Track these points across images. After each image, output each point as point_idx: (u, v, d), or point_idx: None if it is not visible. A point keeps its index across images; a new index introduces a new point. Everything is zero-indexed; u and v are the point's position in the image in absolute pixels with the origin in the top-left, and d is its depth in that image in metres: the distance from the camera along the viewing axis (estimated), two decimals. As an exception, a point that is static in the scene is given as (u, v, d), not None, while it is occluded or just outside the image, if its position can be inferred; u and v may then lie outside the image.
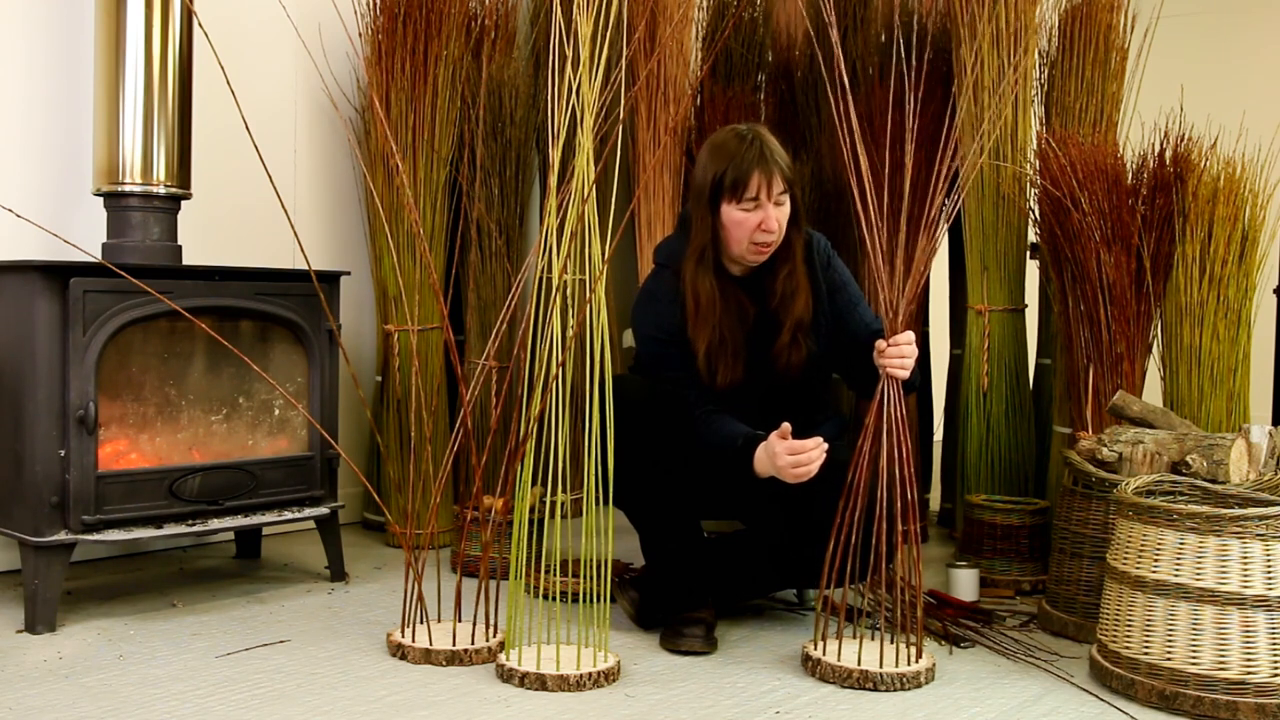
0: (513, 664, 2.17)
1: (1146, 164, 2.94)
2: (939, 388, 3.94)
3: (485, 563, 2.37)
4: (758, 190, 2.36)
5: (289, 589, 2.81)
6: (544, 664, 2.17)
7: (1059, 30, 3.33)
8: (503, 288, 3.56)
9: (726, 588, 2.54)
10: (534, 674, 2.14)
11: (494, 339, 2.63)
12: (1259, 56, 5.44)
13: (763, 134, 2.41)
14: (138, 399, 2.63)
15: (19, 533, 2.45)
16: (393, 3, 3.27)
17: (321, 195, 3.50)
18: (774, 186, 2.37)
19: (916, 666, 2.21)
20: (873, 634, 2.39)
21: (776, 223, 2.39)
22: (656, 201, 3.80)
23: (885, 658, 2.22)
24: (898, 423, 2.24)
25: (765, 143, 2.39)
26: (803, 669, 2.27)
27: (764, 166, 2.36)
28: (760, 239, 2.40)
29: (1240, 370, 2.87)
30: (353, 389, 3.31)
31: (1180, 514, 2.10)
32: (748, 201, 2.37)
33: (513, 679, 2.15)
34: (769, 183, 2.36)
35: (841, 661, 2.21)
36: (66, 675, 2.16)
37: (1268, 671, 2.03)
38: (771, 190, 2.37)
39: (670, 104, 3.78)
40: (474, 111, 3.42)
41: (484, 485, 2.59)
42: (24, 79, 2.88)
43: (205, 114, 2.90)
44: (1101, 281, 2.89)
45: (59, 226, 2.80)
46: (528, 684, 2.14)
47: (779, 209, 2.40)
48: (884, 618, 2.48)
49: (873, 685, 2.17)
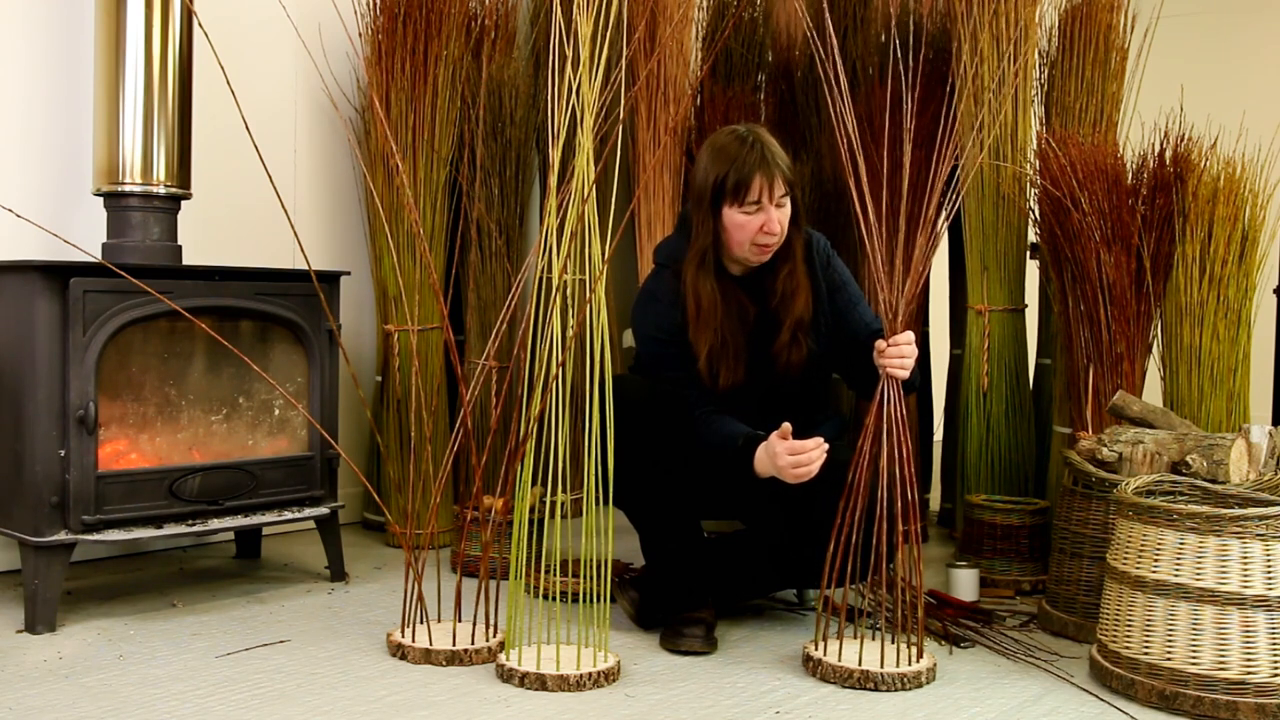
0: (513, 664, 2.17)
1: (1146, 164, 2.94)
2: (939, 388, 3.94)
3: (485, 563, 2.37)
4: (760, 194, 2.36)
5: (289, 589, 2.81)
6: (544, 664, 2.17)
7: (1059, 30, 3.33)
8: (503, 288, 3.57)
9: (726, 588, 2.54)
10: (534, 674, 2.14)
11: (494, 339, 2.63)
12: (1259, 56, 5.44)
13: (763, 135, 2.41)
14: (138, 399, 2.63)
15: (19, 533, 2.45)
16: (393, 3, 3.27)
17: (321, 195, 3.50)
18: (775, 189, 2.38)
19: (917, 666, 2.21)
20: (873, 634, 2.39)
21: (779, 225, 2.40)
22: (656, 201, 3.80)
23: (885, 658, 2.22)
24: (898, 423, 2.24)
25: (766, 145, 2.39)
26: (803, 669, 2.27)
27: (765, 169, 2.36)
28: (762, 240, 2.40)
29: (1240, 370, 2.87)
30: (353, 389, 3.31)
31: (1180, 514, 2.10)
32: (750, 205, 2.37)
33: (513, 679, 2.15)
34: (771, 185, 2.37)
35: (842, 661, 2.21)
36: (66, 675, 2.16)
37: (1268, 671, 2.03)
38: (773, 193, 2.38)
39: (670, 104, 3.78)
40: (474, 111, 3.42)
41: (484, 485, 2.59)
42: (24, 79, 2.88)
43: (205, 114, 2.90)
44: (1101, 281, 2.89)
45: (59, 226, 2.80)
46: (528, 684, 2.14)
47: (780, 211, 2.40)
48: (884, 618, 2.47)
49: (873, 685, 2.17)
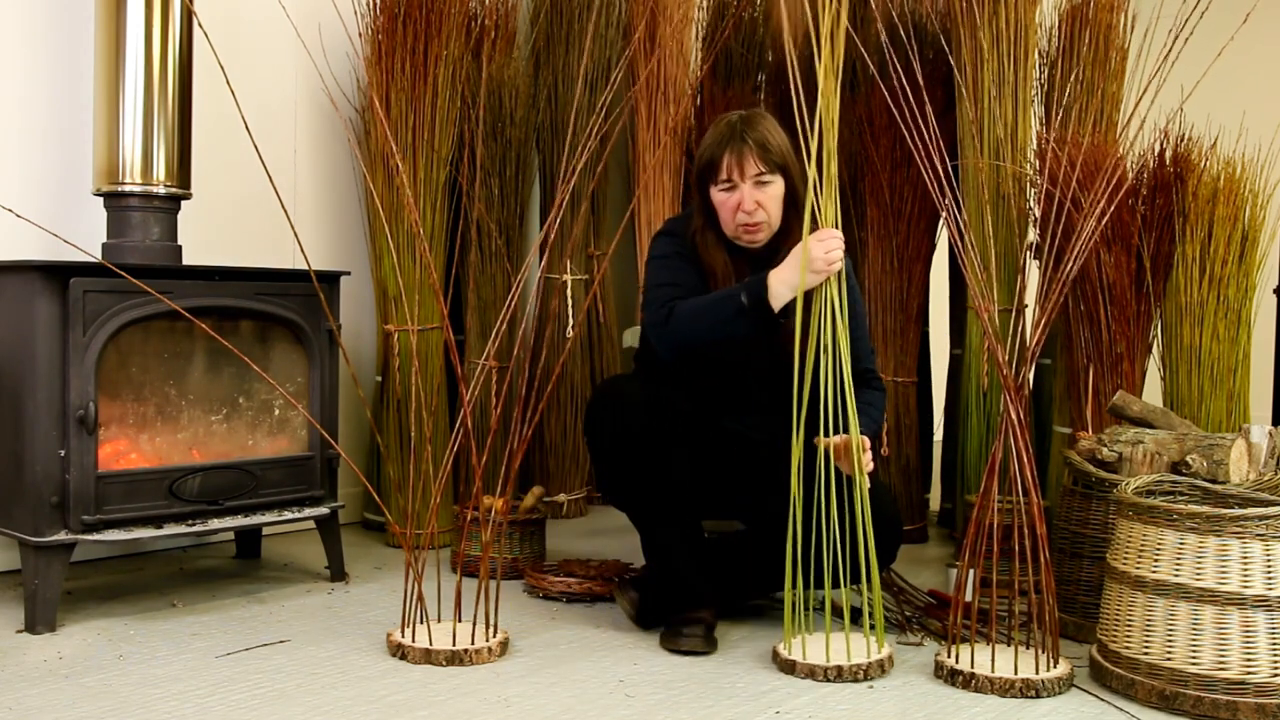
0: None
1: (1146, 164, 2.94)
2: (939, 388, 3.94)
3: (485, 563, 2.37)
4: (729, 172, 2.40)
5: (289, 589, 2.81)
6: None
7: (1059, 30, 3.33)
8: (503, 288, 3.57)
9: (726, 588, 2.54)
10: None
11: (494, 339, 2.63)
12: (1259, 56, 5.44)
13: (751, 116, 2.44)
14: (138, 399, 2.63)
15: (19, 533, 2.45)
16: (393, 3, 3.27)
17: (321, 195, 3.50)
18: (747, 168, 2.39)
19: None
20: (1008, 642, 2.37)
21: (754, 203, 2.41)
22: (656, 201, 3.80)
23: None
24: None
25: (750, 126, 2.41)
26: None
27: (734, 148, 2.39)
28: (743, 220, 2.42)
29: (1240, 370, 2.87)
30: (353, 389, 3.31)
31: (1180, 514, 2.10)
32: (723, 184, 2.41)
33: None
34: (740, 164, 2.39)
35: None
36: (66, 675, 2.16)
37: (1268, 671, 2.03)
38: (745, 171, 2.39)
39: (670, 104, 3.78)
40: (474, 111, 3.42)
41: (484, 485, 2.59)
42: (24, 79, 2.88)
43: (205, 114, 2.90)
44: (1101, 281, 2.89)
45: (59, 226, 2.80)
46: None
47: (759, 190, 2.41)
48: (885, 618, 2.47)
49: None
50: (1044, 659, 2.18)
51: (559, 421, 3.78)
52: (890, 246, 3.51)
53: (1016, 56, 3.22)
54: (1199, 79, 2.53)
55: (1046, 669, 2.16)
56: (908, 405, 3.55)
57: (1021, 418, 2.17)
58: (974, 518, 2.24)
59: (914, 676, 2.24)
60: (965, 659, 2.21)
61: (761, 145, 2.39)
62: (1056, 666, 2.19)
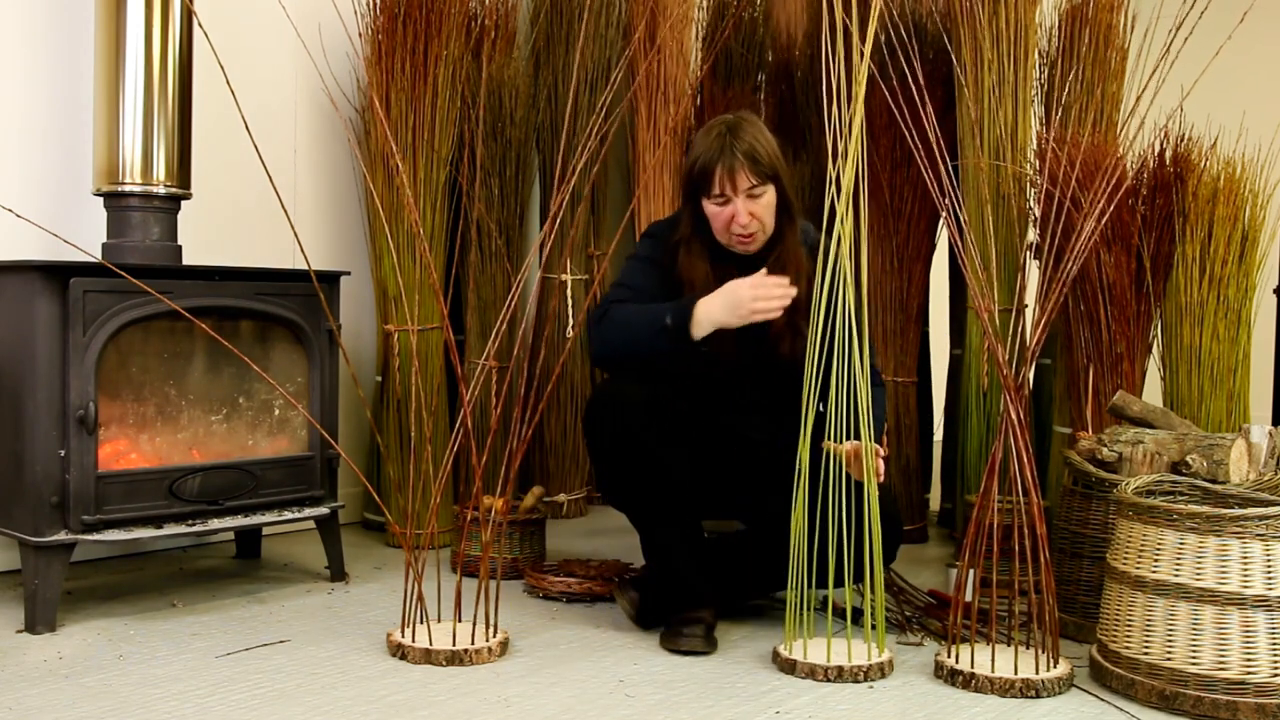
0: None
1: (1146, 164, 2.94)
2: (939, 388, 3.94)
3: (485, 563, 2.37)
4: (721, 187, 2.37)
5: (289, 589, 2.81)
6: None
7: (1059, 30, 3.33)
8: (503, 288, 3.57)
9: (726, 588, 2.54)
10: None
11: (494, 339, 2.63)
12: (1259, 56, 5.43)
13: (740, 125, 2.39)
14: (138, 399, 2.63)
15: (19, 533, 2.45)
16: (393, 3, 3.27)
17: (321, 195, 3.50)
18: (739, 182, 2.36)
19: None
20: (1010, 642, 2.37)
21: (749, 216, 2.39)
22: (656, 201, 3.80)
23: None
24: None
25: (738, 137, 2.36)
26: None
27: (725, 162, 2.35)
28: (736, 230, 2.40)
29: (1240, 370, 2.87)
30: (353, 389, 3.31)
31: (1180, 514, 2.10)
32: (716, 198, 2.39)
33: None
34: (732, 179, 2.36)
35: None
36: (66, 675, 2.16)
37: (1268, 671, 2.03)
38: (737, 185, 2.36)
39: (670, 104, 3.78)
40: (474, 111, 3.42)
41: (484, 485, 2.59)
42: (24, 79, 2.88)
43: (205, 114, 2.90)
44: (1101, 281, 2.89)
45: (59, 226, 2.80)
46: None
47: (753, 201, 2.39)
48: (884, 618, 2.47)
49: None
50: (1044, 659, 2.18)
51: (559, 421, 3.78)
52: (890, 246, 3.51)
53: (1016, 56, 3.22)
54: (1198, 78, 2.53)
55: (1046, 669, 2.17)
56: (908, 405, 3.56)
57: (1021, 418, 2.17)
58: (974, 518, 2.24)
59: (914, 676, 2.24)
60: (965, 659, 2.21)
61: (751, 158, 2.35)
62: (1056, 666, 2.19)
